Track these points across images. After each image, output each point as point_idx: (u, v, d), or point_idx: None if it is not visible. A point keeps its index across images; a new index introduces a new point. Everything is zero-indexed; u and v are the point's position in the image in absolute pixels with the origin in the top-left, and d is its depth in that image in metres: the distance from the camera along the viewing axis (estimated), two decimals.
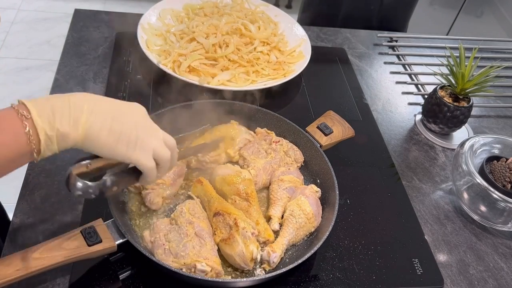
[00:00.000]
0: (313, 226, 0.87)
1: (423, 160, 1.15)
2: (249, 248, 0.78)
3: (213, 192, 0.88)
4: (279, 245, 0.81)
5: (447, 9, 2.86)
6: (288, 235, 0.84)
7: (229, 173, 0.90)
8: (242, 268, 0.80)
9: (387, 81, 1.38)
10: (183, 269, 0.75)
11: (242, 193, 0.88)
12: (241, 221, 0.81)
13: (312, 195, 0.90)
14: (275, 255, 0.80)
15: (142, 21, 1.24)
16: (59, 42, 2.91)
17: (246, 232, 0.79)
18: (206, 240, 0.79)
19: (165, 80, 1.14)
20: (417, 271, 0.89)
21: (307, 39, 1.32)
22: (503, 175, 0.98)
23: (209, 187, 0.89)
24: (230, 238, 0.79)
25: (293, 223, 0.85)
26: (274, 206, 0.90)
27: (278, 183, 0.93)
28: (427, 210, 1.03)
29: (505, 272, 0.94)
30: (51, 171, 0.93)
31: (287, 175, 0.93)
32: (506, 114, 1.35)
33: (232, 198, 0.88)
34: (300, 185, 0.94)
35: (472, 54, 1.15)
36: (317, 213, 0.88)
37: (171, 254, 0.76)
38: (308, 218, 0.86)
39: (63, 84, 1.14)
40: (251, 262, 0.79)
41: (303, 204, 0.86)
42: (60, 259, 0.69)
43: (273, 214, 0.88)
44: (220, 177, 0.91)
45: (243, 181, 0.89)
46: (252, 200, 0.88)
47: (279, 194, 0.91)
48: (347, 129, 1.04)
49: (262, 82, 1.18)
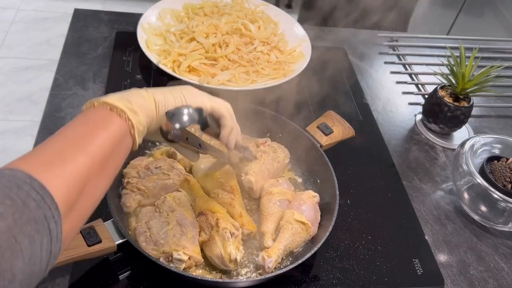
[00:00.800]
0: (310, 234, 0.85)
1: (424, 160, 1.14)
2: (227, 250, 0.77)
3: (199, 191, 0.87)
4: (274, 250, 0.80)
5: (447, 9, 2.86)
6: (284, 241, 0.82)
7: (211, 168, 0.89)
8: (224, 269, 0.79)
9: (387, 81, 1.37)
10: (161, 259, 0.74)
11: (225, 186, 0.87)
12: (223, 221, 0.80)
13: (309, 201, 0.88)
14: (270, 260, 0.78)
15: (142, 21, 1.24)
16: (58, 42, 2.91)
17: (225, 233, 0.78)
18: (187, 229, 0.78)
19: (165, 80, 1.14)
20: (418, 271, 0.89)
21: (307, 39, 1.32)
22: (503, 175, 0.98)
23: (195, 186, 0.88)
24: (210, 239, 0.79)
25: (289, 229, 0.83)
26: (266, 221, 0.86)
27: (268, 197, 0.89)
28: (427, 210, 1.03)
29: (505, 272, 0.94)
30: None
31: (276, 187, 0.90)
32: (506, 114, 1.35)
33: (215, 192, 0.87)
34: (290, 197, 0.90)
35: (472, 54, 1.15)
36: (314, 220, 0.86)
37: (151, 242, 0.76)
38: (305, 228, 0.84)
39: (63, 83, 1.14)
40: (231, 264, 0.78)
41: (300, 218, 0.84)
42: (60, 260, 0.69)
43: (266, 230, 0.85)
44: (203, 173, 0.90)
45: (226, 174, 0.88)
46: (236, 193, 0.87)
47: (270, 209, 0.87)
48: (347, 129, 1.04)
49: (262, 82, 1.18)
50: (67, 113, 1.06)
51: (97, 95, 1.11)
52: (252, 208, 0.92)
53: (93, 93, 1.12)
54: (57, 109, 1.07)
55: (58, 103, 1.08)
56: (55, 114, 1.05)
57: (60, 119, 1.04)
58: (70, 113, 1.06)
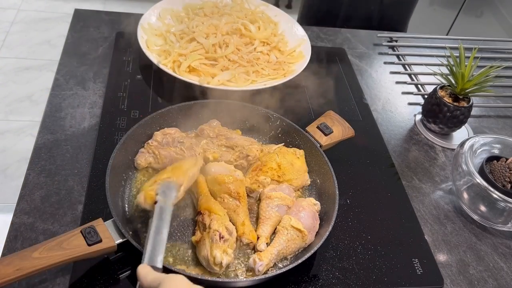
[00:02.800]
0: (305, 242, 0.84)
1: (423, 160, 1.15)
2: (213, 253, 0.76)
3: (204, 190, 0.87)
4: (267, 254, 0.79)
5: (447, 9, 2.86)
6: (278, 245, 0.81)
7: (221, 172, 0.89)
8: (210, 271, 0.78)
9: (387, 81, 1.38)
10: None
11: (233, 193, 0.87)
12: (216, 223, 0.79)
13: (309, 208, 0.87)
14: (261, 264, 0.78)
15: (142, 21, 1.24)
16: (59, 42, 2.91)
17: (215, 235, 0.77)
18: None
19: (165, 80, 1.15)
20: (417, 271, 0.89)
21: (307, 39, 1.32)
22: (503, 175, 0.98)
23: (201, 185, 0.88)
24: (201, 240, 0.79)
25: (285, 235, 0.82)
26: (263, 225, 0.86)
27: (266, 200, 0.89)
28: (427, 210, 1.03)
29: (505, 272, 0.94)
30: (51, 171, 0.93)
31: (276, 192, 0.89)
32: (506, 114, 1.35)
33: (221, 197, 0.87)
34: (290, 202, 0.89)
35: (472, 54, 1.15)
36: (312, 228, 0.85)
37: None
38: (301, 235, 0.83)
39: (63, 84, 1.14)
40: (216, 267, 0.77)
41: (296, 225, 0.83)
42: (60, 259, 0.69)
43: (261, 234, 0.84)
44: (212, 176, 0.89)
45: (235, 181, 0.88)
46: (242, 201, 0.87)
47: (268, 213, 0.87)
48: (347, 129, 1.04)
49: (262, 82, 1.18)
50: (67, 113, 1.06)
51: (97, 95, 1.12)
52: (252, 208, 0.92)
53: (93, 93, 1.12)
54: (58, 109, 1.07)
55: (58, 103, 1.08)
56: (55, 114, 1.05)
57: (60, 119, 1.04)
58: (71, 113, 1.06)
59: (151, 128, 0.97)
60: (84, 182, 0.92)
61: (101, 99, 1.11)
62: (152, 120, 0.97)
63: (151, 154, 0.93)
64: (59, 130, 1.02)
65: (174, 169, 0.84)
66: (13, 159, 2.14)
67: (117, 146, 0.88)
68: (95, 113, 1.07)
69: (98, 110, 1.08)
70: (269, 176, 0.92)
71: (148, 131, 0.96)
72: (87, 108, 1.08)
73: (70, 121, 1.04)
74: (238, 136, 0.99)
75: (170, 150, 0.93)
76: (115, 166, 0.86)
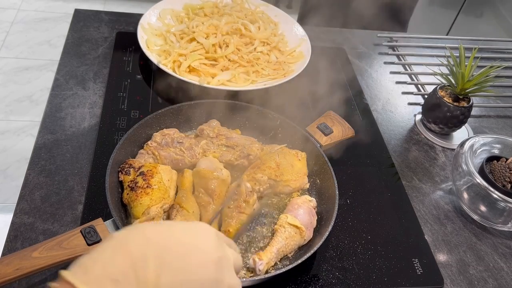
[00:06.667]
0: (304, 238, 0.84)
1: (423, 160, 1.15)
2: None
3: (184, 185, 0.87)
4: (267, 254, 0.79)
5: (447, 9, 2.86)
6: (277, 244, 0.81)
7: (207, 167, 0.89)
8: None
9: (387, 81, 1.38)
10: None
11: (208, 189, 0.86)
12: (179, 217, 0.79)
13: (304, 205, 0.88)
14: (261, 263, 0.78)
15: (142, 21, 1.24)
16: (59, 42, 2.91)
17: None
18: None
19: (165, 80, 1.15)
20: (417, 271, 0.89)
21: (307, 39, 1.32)
22: (503, 175, 0.98)
23: (185, 180, 0.88)
24: None
25: (283, 233, 0.83)
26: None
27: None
28: (427, 210, 1.03)
29: (505, 272, 0.94)
30: (51, 171, 0.93)
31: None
32: (506, 114, 1.35)
33: (198, 191, 0.87)
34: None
35: (472, 54, 1.15)
36: (309, 224, 0.85)
37: None
38: (299, 232, 0.83)
39: (63, 84, 1.14)
40: None
41: (293, 222, 0.83)
42: (60, 259, 0.69)
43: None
44: (196, 169, 0.89)
45: (215, 178, 0.87)
46: (215, 200, 0.86)
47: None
48: (347, 129, 1.04)
49: (262, 82, 1.18)
50: (67, 113, 1.06)
51: (97, 95, 1.12)
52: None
53: (93, 93, 1.12)
54: (58, 109, 1.07)
55: (58, 103, 1.09)
56: (55, 114, 1.05)
57: (60, 119, 1.05)
58: (71, 113, 1.06)
59: (151, 128, 0.97)
60: (84, 182, 0.92)
61: (101, 99, 1.11)
62: (152, 120, 0.97)
63: (151, 155, 0.93)
64: (59, 130, 1.02)
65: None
66: (13, 159, 2.14)
67: (117, 146, 0.88)
68: (95, 113, 1.07)
69: (98, 110, 1.08)
70: (267, 174, 0.92)
71: (148, 131, 0.97)
72: (87, 108, 1.08)
73: (70, 121, 1.04)
74: (238, 136, 0.99)
75: (169, 150, 0.93)
76: (115, 166, 0.86)
